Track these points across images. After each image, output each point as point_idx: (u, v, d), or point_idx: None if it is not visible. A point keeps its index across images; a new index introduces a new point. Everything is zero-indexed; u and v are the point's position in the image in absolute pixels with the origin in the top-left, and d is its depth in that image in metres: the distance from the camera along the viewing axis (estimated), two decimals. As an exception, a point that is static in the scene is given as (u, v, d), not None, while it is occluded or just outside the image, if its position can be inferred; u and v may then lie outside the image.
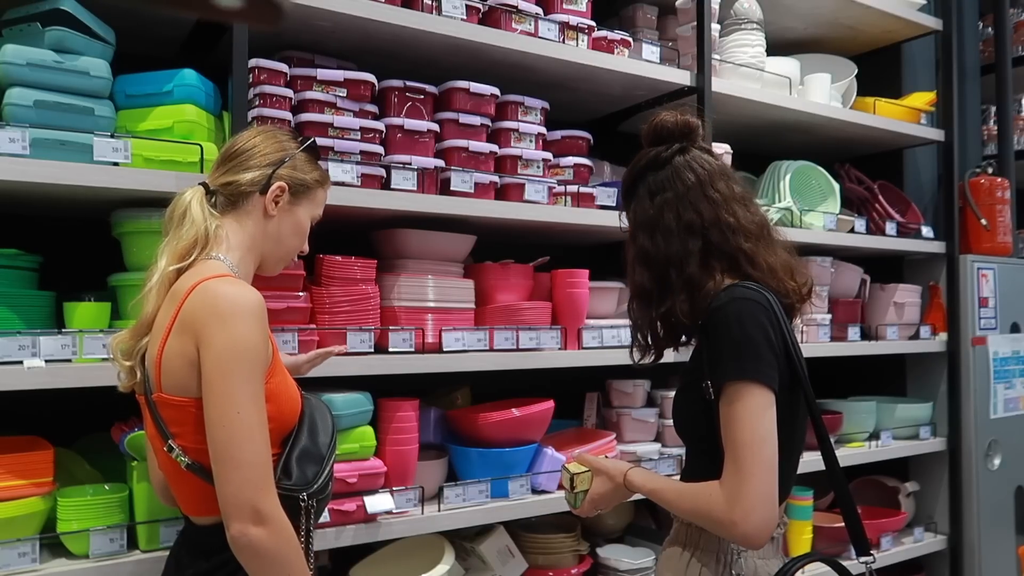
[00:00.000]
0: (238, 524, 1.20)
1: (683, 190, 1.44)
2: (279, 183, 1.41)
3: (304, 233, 1.49)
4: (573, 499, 1.56)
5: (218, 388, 1.23)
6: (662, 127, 1.51)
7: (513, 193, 2.20)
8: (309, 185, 1.46)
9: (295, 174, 1.44)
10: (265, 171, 1.41)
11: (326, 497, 1.42)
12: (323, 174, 1.52)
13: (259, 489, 1.21)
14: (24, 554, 1.52)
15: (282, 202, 1.43)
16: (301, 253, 1.52)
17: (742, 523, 1.26)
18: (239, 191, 1.40)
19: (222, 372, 1.22)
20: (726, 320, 1.33)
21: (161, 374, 1.28)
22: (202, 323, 1.24)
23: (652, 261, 1.44)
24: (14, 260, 1.70)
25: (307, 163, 1.47)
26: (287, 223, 1.45)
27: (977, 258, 3.26)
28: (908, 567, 3.15)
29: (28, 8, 1.63)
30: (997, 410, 3.24)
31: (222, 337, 1.23)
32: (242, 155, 1.42)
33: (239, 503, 1.21)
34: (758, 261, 1.41)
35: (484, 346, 2.10)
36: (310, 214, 1.49)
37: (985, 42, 3.96)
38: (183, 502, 1.38)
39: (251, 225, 1.41)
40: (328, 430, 1.43)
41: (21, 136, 1.53)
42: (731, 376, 1.31)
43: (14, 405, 1.66)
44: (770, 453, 1.29)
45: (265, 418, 1.26)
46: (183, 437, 1.29)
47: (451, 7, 2.05)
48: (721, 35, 2.74)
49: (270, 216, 1.42)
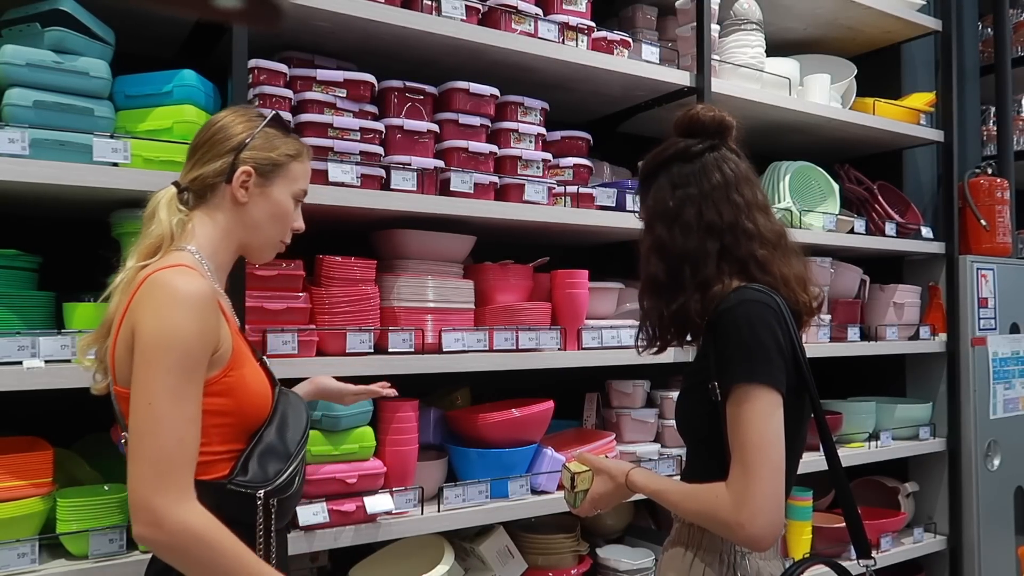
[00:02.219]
0: (135, 524, 1.14)
1: (708, 188, 1.43)
2: (243, 168, 1.34)
3: (286, 213, 1.41)
4: (573, 499, 1.56)
5: (137, 378, 1.17)
6: (698, 120, 1.48)
7: (513, 194, 2.20)
8: (279, 162, 1.38)
9: (260, 154, 1.36)
10: (227, 158, 1.34)
11: (291, 496, 1.34)
12: (296, 146, 1.42)
13: (155, 489, 1.13)
14: (23, 555, 1.52)
15: (251, 186, 1.36)
16: (296, 231, 1.45)
17: (749, 525, 1.26)
18: (206, 184, 1.35)
19: (143, 361, 1.17)
20: (735, 322, 1.33)
21: (115, 366, 1.25)
22: (139, 312, 1.20)
23: (668, 254, 1.43)
24: (14, 260, 1.70)
25: (273, 139, 1.39)
26: (263, 207, 1.37)
27: (977, 258, 3.26)
28: (908, 567, 3.15)
29: (27, 8, 1.63)
30: (997, 410, 3.24)
31: (150, 326, 1.18)
32: (204, 146, 1.37)
33: (134, 501, 1.14)
34: (771, 269, 1.41)
35: (484, 346, 2.10)
36: (289, 192, 1.40)
37: (985, 42, 3.96)
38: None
39: (223, 216, 1.36)
40: (300, 427, 1.37)
41: (21, 136, 1.53)
42: (740, 379, 1.30)
43: (14, 405, 1.66)
44: (777, 456, 1.29)
45: (187, 413, 1.17)
46: None
47: (451, 7, 2.05)
48: (721, 36, 2.74)
49: (242, 203, 1.35)
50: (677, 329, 1.47)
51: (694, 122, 1.48)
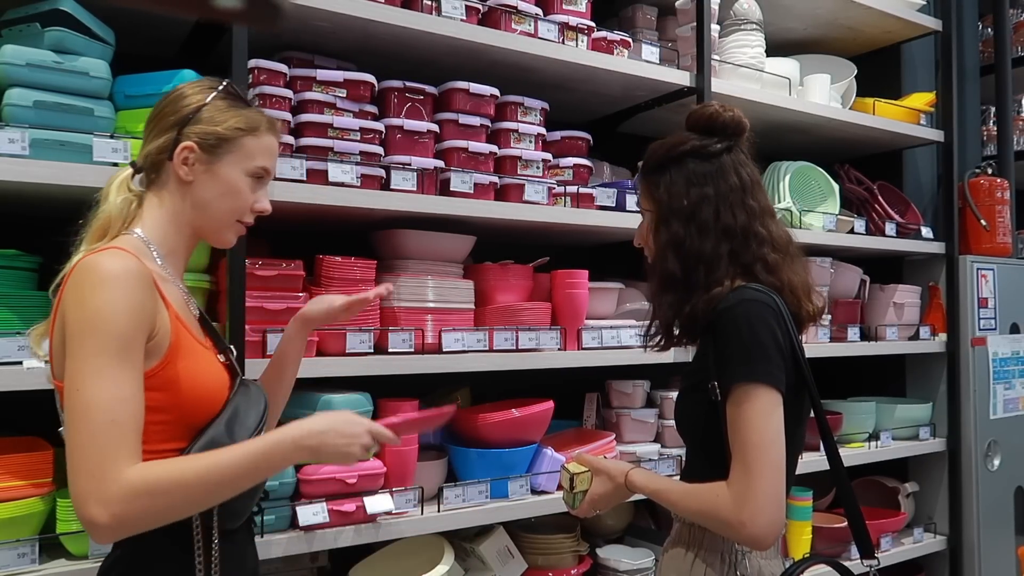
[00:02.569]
0: (82, 518, 1.06)
1: (725, 190, 1.42)
2: (184, 143, 1.25)
3: (236, 192, 1.29)
4: (572, 499, 1.55)
5: (68, 365, 1.11)
6: (718, 118, 1.46)
7: (513, 194, 2.20)
8: (226, 136, 1.27)
9: (206, 128, 1.26)
10: (170, 134, 1.26)
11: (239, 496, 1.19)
12: (251, 119, 1.30)
13: (89, 476, 1.06)
14: (24, 554, 1.52)
15: (195, 163, 1.26)
16: (259, 213, 1.34)
17: (751, 524, 1.26)
18: (152, 162, 1.27)
19: (74, 344, 1.10)
20: (735, 321, 1.33)
21: (53, 356, 1.19)
22: (67, 299, 1.14)
23: (685, 253, 1.41)
24: (13, 261, 1.70)
25: (223, 112, 1.28)
26: (211, 185, 1.27)
27: (977, 259, 3.26)
28: (908, 568, 3.15)
29: (28, 8, 1.63)
30: (997, 411, 3.24)
31: (77, 310, 1.11)
32: (151, 121, 1.29)
33: (75, 493, 1.06)
34: (780, 275, 1.41)
35: (484, 347, 2.10)
36: (240, 169, 1.29)
37: (985, 42, 3.96)
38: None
39: (172, 197, 1.27)
40: (253, 421, 1.27)
41: (21, 137, 1.53)
42: (740, 378, 1.30)
43: (14, 405, 1.66)
44: (778, 455, 1.29)
45: (119, 393, 1.09)
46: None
47: (451, 7, 2.05)
48: (721, 36, 2.74)
49: (187, 182, 1.26)
50: (687, 328, 1.45)
51: (713, 120, 1.47)
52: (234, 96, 1.32)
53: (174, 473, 1.10)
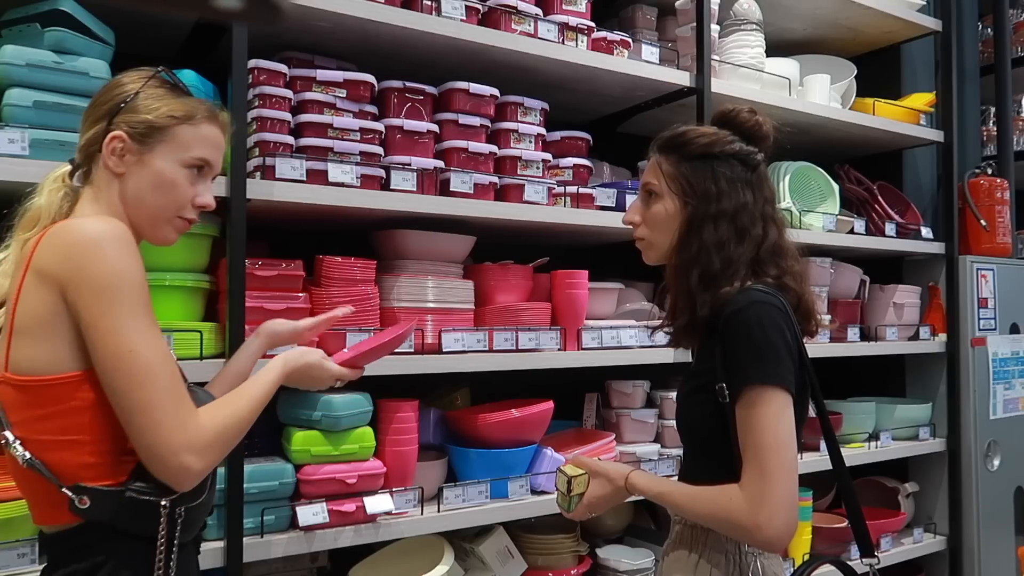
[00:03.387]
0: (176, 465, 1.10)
1: (761, 201, 1.43)
2: (113, 133, 1.20)
3: (170, 184, 1.22)
4: (567, 503, 1.52)
5: (102, 327, 1.08)
6: (760, 128, 1.46)
7: (512, 194, 2.20)
8: (158, 124, 1.21)
9: (135, 117, 1.20)
10: (102, 124, 1.21)
11: (201, 505, 1.22)
12: (186, 107, 1.24)
13: (174, 429, 1.09)
14: (23, 555, 1.52)
15: (125, 153, 1.20)
16: (201, 207, 1.27)
17: (767, 527, 1.25)
18: (85, 155, 1.23)
19: (101, 309, 1.07)
20: (746, 323, 1.32)
21: (10, 349, 1.12)
22: (63, 261, 1.08)
23: (722, 253, 1.39)
24: (13, 261, 1.70)
25: (157, 99, 1.22)
26: (142, 177, 1.21)
27: (976, 259, 3.26)
28: (908, 568, 3.15)
29: (27, 9, 1.63)
30: (996, 411, 3.24)
31: (92, 270, 1.07)
32: (86, 112, 1.24)
33: (162, 447, 1.09)
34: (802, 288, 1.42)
35: (483, 347, 2.10)
36: (175, 159, 1.22)
37: (985, 43, 3.96)
38: (31, 509, 1.19)
39: (106, 190, 1.21)
40: None
41: (20, 137, 1.53)
42: (753, 380, 1.30)
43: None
44: (791, 457, 1.29)
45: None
46: (23, 426, 1.12)
47: (451, 8, 2.05)
48: (720, 36, 2.74)
49: (119, 174, 1.21)
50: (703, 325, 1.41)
51: (756, 129, 1.46)
52: (171, 84, 1.27)
53: (231, 413, 1.19)
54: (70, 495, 1.11)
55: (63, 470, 1.12)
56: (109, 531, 1.13)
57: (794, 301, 1.41)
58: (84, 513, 1.12)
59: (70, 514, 1.12)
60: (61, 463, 1.12)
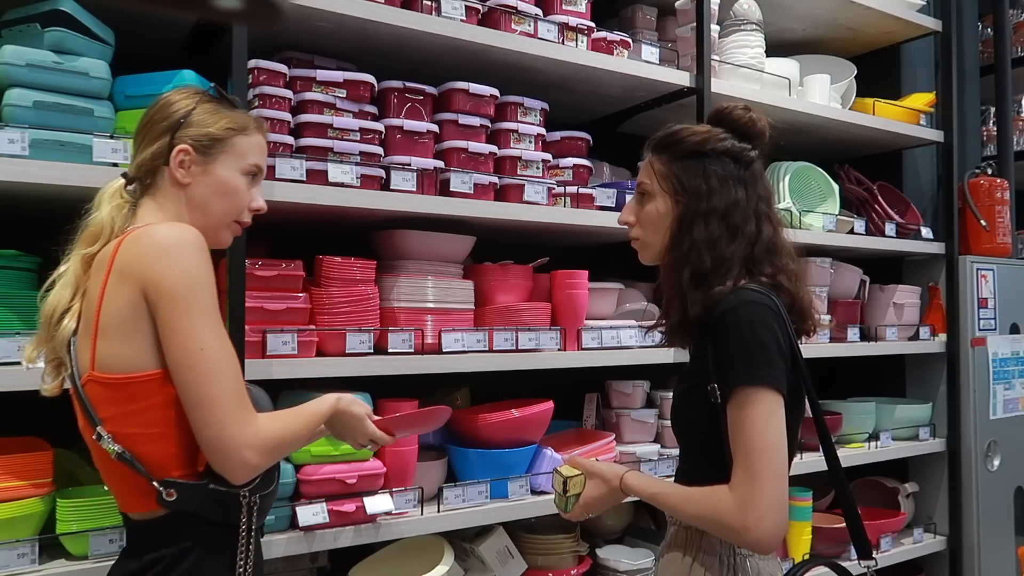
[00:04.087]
0: (236, 460, 1.19)
1: (755, 199, 1.43)
2: (180, 147, 1.30)
3: (233, 190, 1.34)
4: (564, 503, 1.52)
5: (177, 327, 1.17)
6: (754, 125, 1.45)
7: (512, 194, 2.20)
8: (219, 136, 1.32)
9: (198, 131, 1.31)
10: (164, 139, 1.30)
11: (272, 493, 1.35)
12: (240, 119, 1.35)
13: (241, 423, 1.19)
14: (23, 555, 1.52)
15: (191, 165, 1.31)
16: (256, 211, 1.39)
17: (755, 529, 1.25)
18: (147, 168, 1.32)
19: (178, 309, 1.17)
20: (737, 323, 1.32)
21: (96, 349, 1.20)
22: (146, 263, 1.18)
23: (714, 252, 1.39)
24: (13, 261, 1.70)
25: (212, 114, 1.33)
26: (207, 185, 1.32)
27: (976, 259, 3.26)
28: (907, 568, 3.15)
29: (27, 9, 1.63)
30: (996, 411, 3.24)
31: (171, 272, 1.17)
32: (143, 129, 1.33)
33: (224, 440, 1.18)
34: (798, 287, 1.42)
35: (483, 347, 2.10)
36: (235, 167, 1.34)
37: (985, 43, 3.96)
38: (117, 497, 1.30)
39: (170, 201, 1.31)
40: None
41: (20, 137, 1.53)
42: (743, 381, 1.30)
43: (14, 405, 1.66)
44: (781, 458, 1.28)
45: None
46: (113, 422, 1.21)
47: (450, 8, 2.05)
48: (720, 36, 2.74)
49: (184, 184, 1.31)
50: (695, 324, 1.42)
51: (750, 126, 1.45)
52: (220, 98, 1.37)
53: (287, 426, 1.27)
54: (159, 488, 1.21)
55: (151, 462, 1.22)
56: (194, 520, 1.23)
57: (788, 301, 1.40)
58: (171, 504, 1.22)
59: (157, 504, 1.22)
60: (149, 455, 1.22)
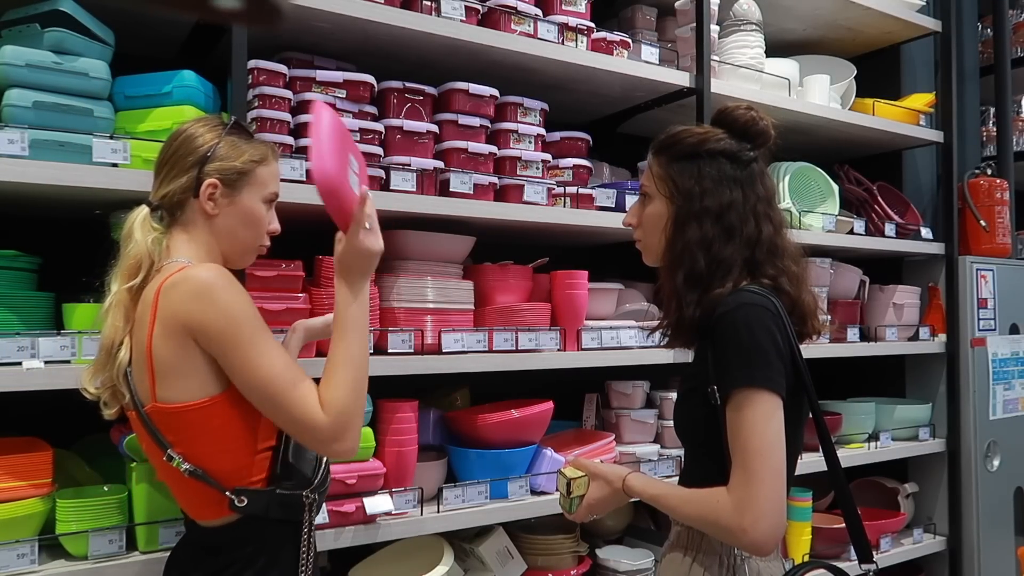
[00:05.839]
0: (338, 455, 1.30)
1: (753, 199, 1.41)
2: (208, 181, 1.36)
3: (258, 219, 1.43)
4: (568, 504, 1.53)
5: (234, 363, 1.26)
6: (754, 124, 1.44)
7: (512, 194, 2.20)
8: (244, 170, 1.39)
9: (224, 164, 1.37)
10: (192, 173, 1.36)
11: (326, 488, 1.46)
12: (260, 151, 1.43)
13: (319, 426, 1.26)
14: (23, 555, 1.52)
15: (219, 197, 1.38)
16: (272, 234, 1.47)
17: (752, 530, 1.25)
18: (175, 201, 1.37)
19: (228, 346, 1.25)
20: (734, 325, 1.32)
21: (156, 383, 1.28)
22: (187, 311, 1.25)
23: (709, 253, 1.39)
24: (13, 261, 1.70)
25: (234, 148, 1.39)
26: (234, 216, 1.40)
27: (976, 259, 3.26)
28: (907, 568, 3.15)
29: (27, 9, 1.63)
30: (996, 411, 3.24)
31: (212, 313, 1.25)
32: (168, 162, 1.39)
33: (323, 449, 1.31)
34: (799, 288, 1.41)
35: (483, 347, 2.10)
36: (258, 197, 1.42)
37: (984, 43, 3.96)
38: (188, 507, 1.40)
39: (199, 231, 1.39)
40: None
41: (20, 137, 1.53)
42: (740, 383, 1.30)
43: (13, 406, 1.66)
44: (779, 460, 1.28)
45: (282, 357, 1.28)
46: (181, 444, 1.30)
47: (450, 8, 2.05)
48: (720, 36, 2.74)
49: (213, 216, 1.38)
50: (695, 326, 1.42)
51: (750, 126, 1.44)
52: (240, 130, 1.44)
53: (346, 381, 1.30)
54: (231, 496, 1.31)
55: (219, 474, 1.31)
56: (263, 521, 1.35)
57: (789, 304, 1.40)
58: (241, 509, 1.32)
59: (229, 510, 1.32)
60: (218, 469, 1.31)
